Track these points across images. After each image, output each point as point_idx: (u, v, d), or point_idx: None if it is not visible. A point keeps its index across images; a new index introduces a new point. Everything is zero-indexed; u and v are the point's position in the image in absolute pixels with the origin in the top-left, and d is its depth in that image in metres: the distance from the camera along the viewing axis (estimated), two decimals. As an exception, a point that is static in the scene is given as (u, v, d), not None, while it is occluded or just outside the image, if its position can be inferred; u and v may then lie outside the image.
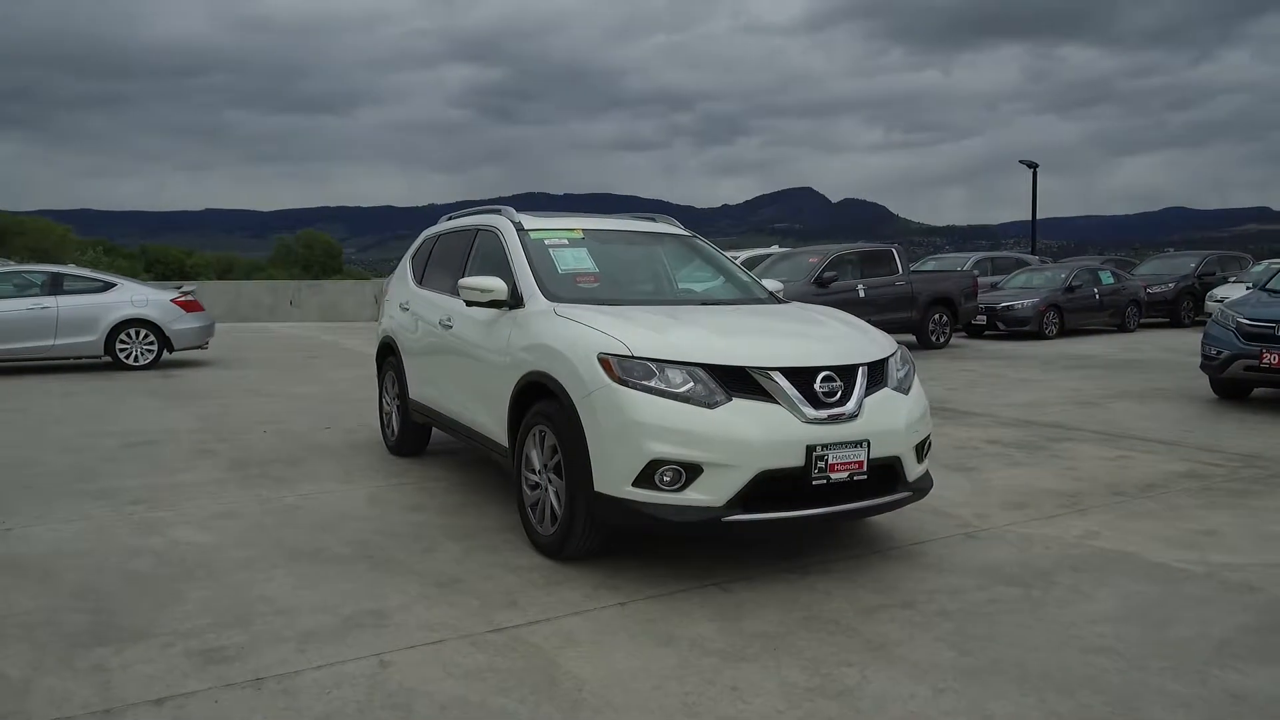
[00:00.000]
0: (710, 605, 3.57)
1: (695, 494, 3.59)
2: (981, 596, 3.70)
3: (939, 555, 4.25)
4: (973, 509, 5.06)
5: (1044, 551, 4.30)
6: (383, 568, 3.98)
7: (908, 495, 4.08)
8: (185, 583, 3.77)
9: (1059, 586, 3.82)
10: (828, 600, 3.64)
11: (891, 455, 3.93)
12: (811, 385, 3.76)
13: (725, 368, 3.71)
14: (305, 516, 4.81)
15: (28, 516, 4.76)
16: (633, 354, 3.73)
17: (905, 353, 4.41)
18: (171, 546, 4.26)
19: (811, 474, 3.67)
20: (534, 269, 4.69)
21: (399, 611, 3.47)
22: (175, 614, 3.42)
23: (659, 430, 3.59)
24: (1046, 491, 5.45)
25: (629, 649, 3.15)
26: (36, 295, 11.38)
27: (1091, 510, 5.05)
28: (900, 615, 3.49)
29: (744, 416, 3.63)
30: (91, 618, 3.39)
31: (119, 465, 6.07)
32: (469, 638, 3.23)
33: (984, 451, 6.68)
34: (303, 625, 3.32)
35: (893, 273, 14.87)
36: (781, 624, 3.39)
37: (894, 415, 3.96)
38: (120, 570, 3.92)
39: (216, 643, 3.16)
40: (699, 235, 5.68)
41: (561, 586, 3.76)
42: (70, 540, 4.34)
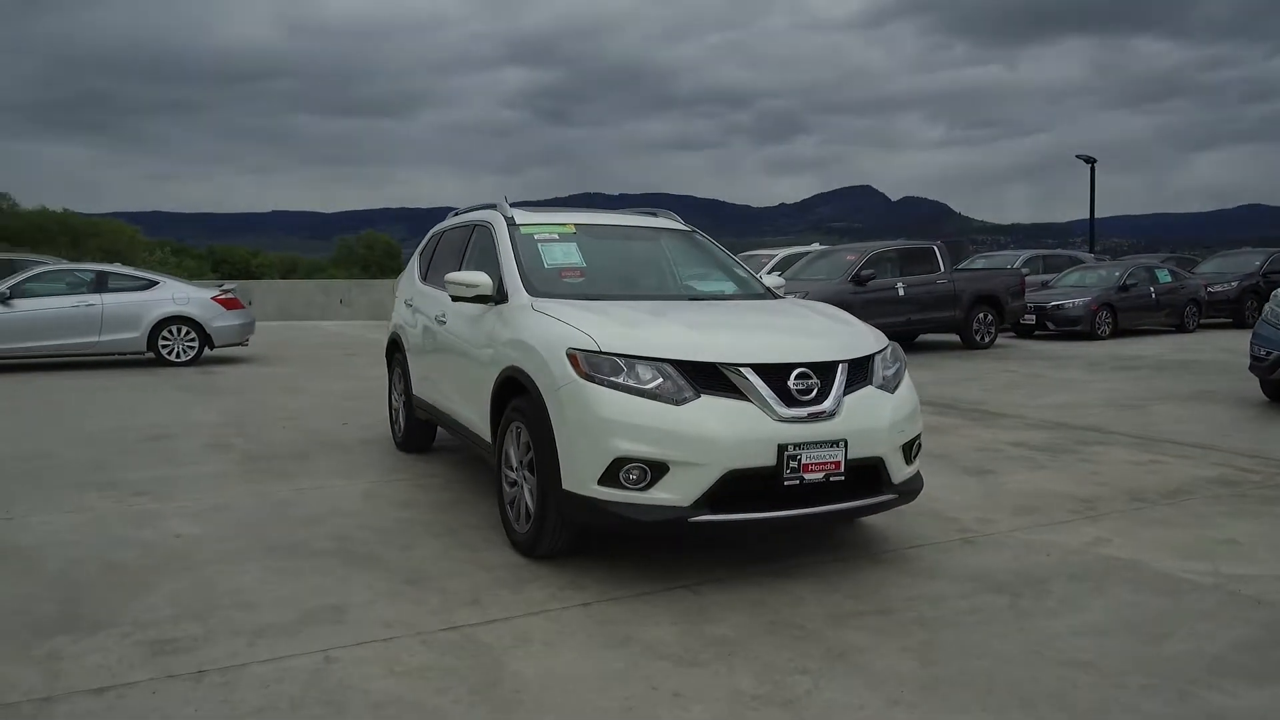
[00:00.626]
0: (675, 608, 3.47)
1: (661, 493, 3.50)
2: (964, 605, 3.54)
3: (931, 561, 4.08)
4: (978, 513, 4.87)
5: (1044, 559, 4.10)
6: (357, 563, 3.97)
7: (893, 498, 3.93)
8: (161, 574, 3.80)
9: (1051, 596, 3.64)
10: (799, 605, 3.52)
11: (873, 456, 3.78)
12: (785, 383, 3.64)
13: (695, 364, 3.62)
14: (297, 511, 4.83)
15: (30, 506, 4.87)
16: (600, 349, 3.66)
17: (896, 350, 4.25)
18: (159, 538, 4.31)
19: (783, 474, 3.55)
20: (519, 264, 4.65)
21: (360, 607, 3.45)
22: (142, 605, 3.45)
23: (624, 427, 3.51)
24: (1062, 496, 5.22)
25: (580, 650, 3.08)
26: (83, 293, 11.74)
27: (1106, 517, 4.82)
28: (872, 622, 3.35)
29: (712, 414, 3.53)
30: (61, 607, 3.43)
31: (133, 458, 6.19)
32: (421, 635, 3.19)
33: (1006, 454, 6.44)
34: (261, 619, 3.32)
35: (934, 270, 14.52)
36: (744, 628, 3.28)
37: (876, 414, 3.81)
38: (102, 561, 3.97)
39: (172, 634, 3.17)
40: (698, 231, 5.58)
41: (529, 585, 3.70)
42: (63, 530, 4.43)
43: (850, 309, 13.29)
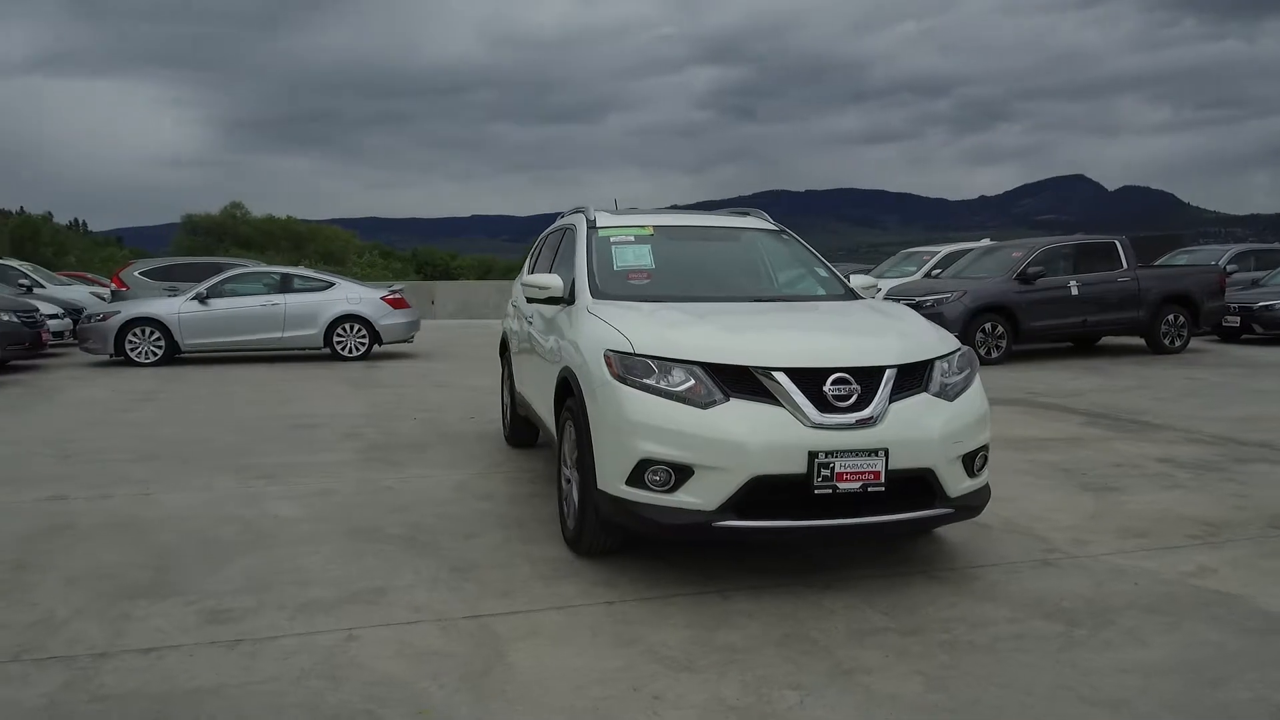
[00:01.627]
0: (697, 611, 3.45)
1: (686, 496, 3.48)
2: (1007, 630, 3.29)
3: (994, 581, 3.82)
4: (1075, 533, 4.48)
5: (1127, 587, 3.74)
6: (417, 550, 4.20)
7: (946, 513, 3.71)
8: (246, 551, 4.19)
9: (1114, 628, 3.31)
10: (826, 618, 3.39)
11: (921, 467, 3.58)
12: (821, 387, 3.52)
13: (727, 367, 3.57)
14: (390, 498, 5.16)
15: (168, 485, 5.48)
16: (634, 351, 3.69)
17: (967, 356, 4.00)
18: (260, 518, 4.74)
19: (814, 482, 3.44)
20: (590, 266, 4.75)
21: (400, 591, 3.66)
22: (217, 577, 3.82)
23: (650, 429, 3.52)
24: (1187, 519, 4.72)
25: (584, 648, 3.12)
26: (269, 293, 12.98)
27: (1228, 544, 4.31)
28: (895, 642, 3.19)
29: (740, 418, 3.47)
30: (152, 574, 3.86)
31: (274, 445, 6.81)
32: (442, 622, 3.34)
33: (1143, 471, 5.88)
34: (309, 596, 3.59)
35: (1115, 268, 13.36)
36: (757, 638, 3.21)
37: (926, 423, 3.61)
38: (203, 536, 4.42)
39: (229, 605, 3.50)
40: (786, 230, 5.45)
41: (565, 580, 3.78)
42: (185, 507, 4.96)
43: (1015, 309, 12.64)
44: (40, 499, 5.12)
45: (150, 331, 12.39)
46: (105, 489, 5.34)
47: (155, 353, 12.42)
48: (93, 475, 5.72)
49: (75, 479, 5.61)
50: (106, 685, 2.84)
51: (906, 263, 16.53)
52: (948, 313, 12.56)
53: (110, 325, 12.32)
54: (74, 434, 7.26)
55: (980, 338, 12.54)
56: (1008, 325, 12.63)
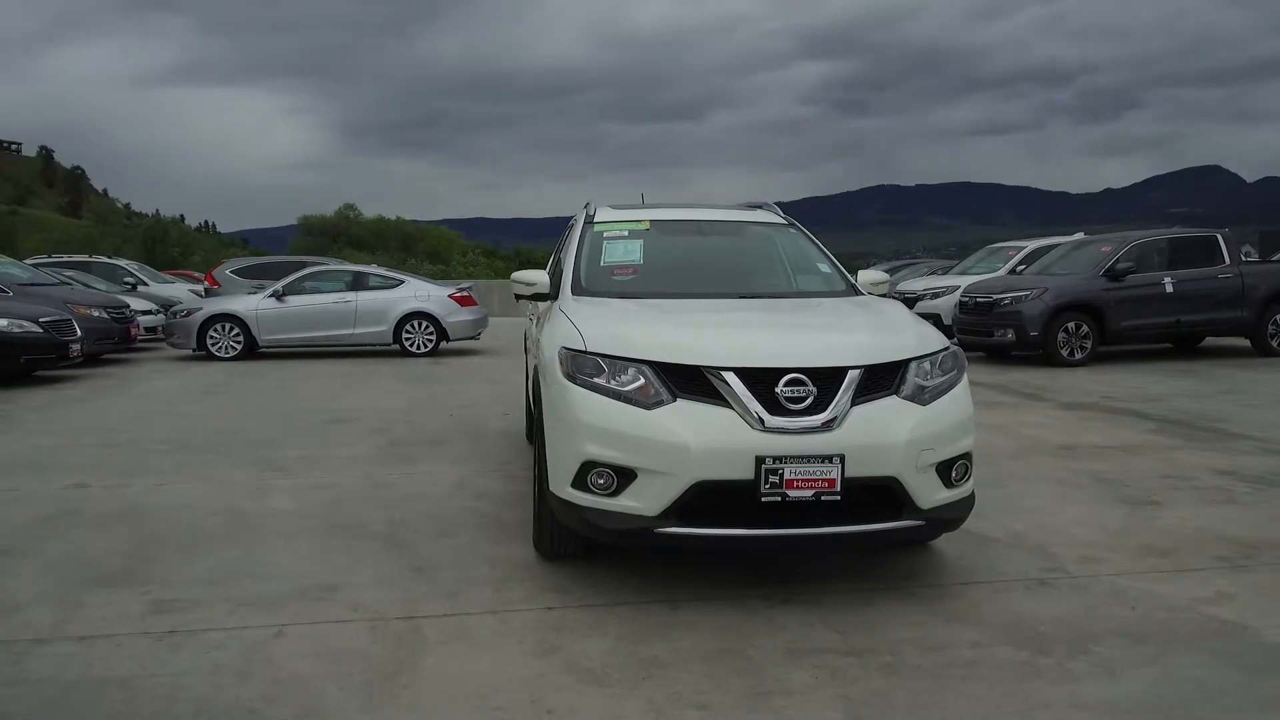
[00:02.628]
0: (638, 621, 3.30)
1: (628, 500, 3.34)
2: (965, 656, 3.03)
3: (975, 600, 3.53)
4: (1088, 550, 4.12)
5: (1121, 612, 3.40)
6: (388, 547, 4.18)
7: (917, 526, 3.44)
8: (225, 542, 4.26)
9: (1085, 658, 3.01)
10: (772, 633, 3.20)
11: (884, 476, 3.34)
12: (774, 389, 3.32)
13: (679, 366, 3.40)
14: (386, 494, 5.18)
15: (184, 475, 5.66)
16: (585, 349, 3.56)
17: (952, 358, 3.71)
18: (254, 510, 4.83)
19: (761, 489, 3.24)
20: (578, 262, 4.65)
21: (350, 589, 3.64)
22: (185, 568, 3.89)
23: (594, 430, 3.39)
24: (1222, 539, 4.28)
25: (503, 655, 3.03)
26: (342, 291, 13.37)
27: (1261, 569, 3.89)
28: (834, 662, 2.97)
29: (684, 420, 3.30)
30: (126, 562, 3.96)
31: (302, 438, 6.97)
32: (375, 622, 3.30)
33: (1196, 483, 5.39)
34: (261, 590, 3.61)
35: (1216, 263, 12.41)
36: (688, 652, 3.04)
37: (890, 428, 3.36)
38: (193, 527, 4.53)
39: (181, 596, 3.55)
40: (795, 224, 5.21)
41: (517, 584, 3.70)
42: (188, 498, 5.10)
43: (1102, 308, 11.90)
44: (64, 486, 5.35)
45: (230, 327, 12.94)
46: (127, 478, 5.55)
47: (235, 348, 12.97)
48: (122, 464, 5.96)
49: (104, 468, 5.85)
50: (29, 670, 2.91)
51: (992, 258, 15.79)
52: (1026, 311, 11.93)
53: (193, 321, 12.93)
54: (125, 425, 7.61)
55: (1063, 338, 11.85)
56: (1093, 325, 11.89)
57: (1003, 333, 12.19)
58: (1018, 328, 11.93)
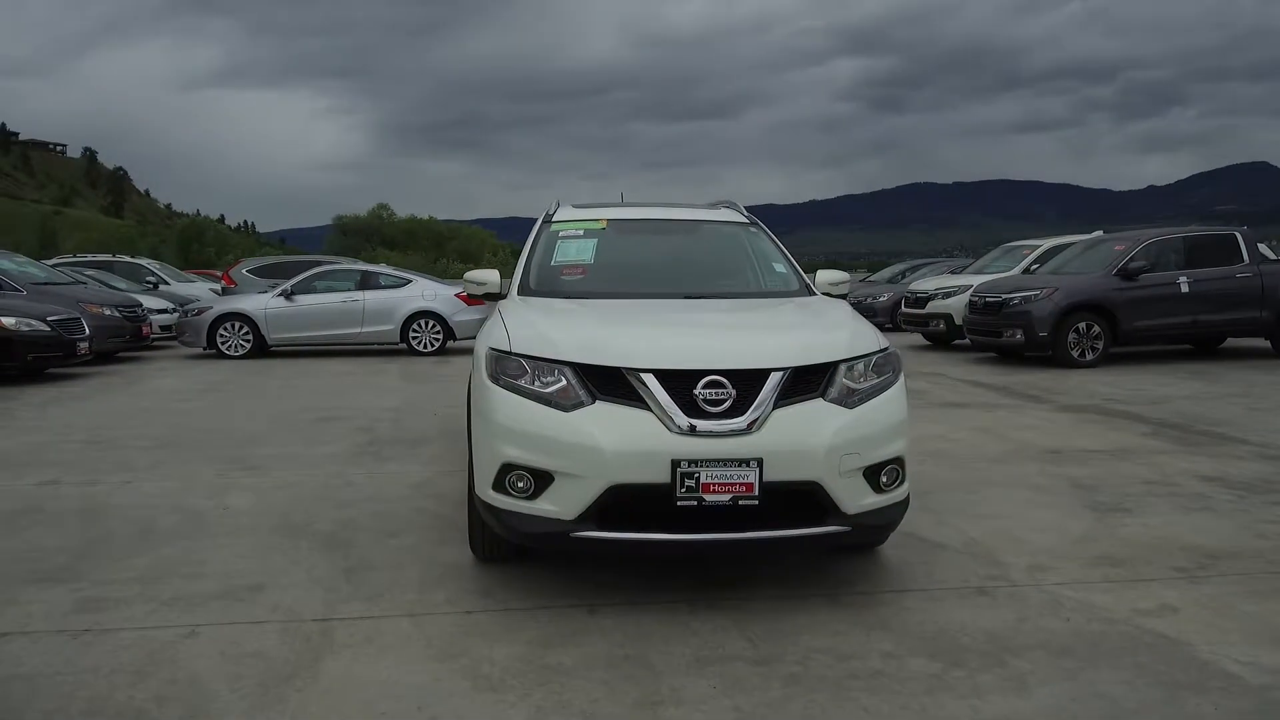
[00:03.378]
0: (553, 625, 3.27)
1: (546, 504, 3.30)
2: (874, 666, 2.95)
3: (905, 609, 3.45)
4: (1040, 558, 4.02)
5: (1053, 624, 3.30)
6: (327, 548, 4.18)
7: (841, 531, 3.36)
8: (171, 540, 4.29)
9: (1000, 671, 2.92)
10: (684, 640, 3.14)
11: (805, 480, 3.27)
12: (692, 391, 3.26)
13: (599, 368, 3.36)
14: (345, 494, 5.19)
15: (156, 473, 5.72)
16: (510, 350, 3.53)
17: (888, 360, 3.63)
18: (209, 509, 4.86)
19: (677, 493, 3.19)
20: (529, 262, 4.63)
21: (275, 589, 3.64)
22: (124, 566, 3.92)
23: (512, 433, 3.36)
24: (1184, 548, 4.15)
25: (405, 660, 3.00)
26: (350, 290, 13.48)
27: (1216, 579, 3.76)
28: (737, 671, 2.91)
29: (601, 422, 3.26)
30: (68, 560, 4.00)
31: (286, 436, 7.02)
32: (289, 624, 3.29)
33: (1177, 490, 5.23)
34: (188, 589, 3.63)
35: (1233, 262, 12.08)
36: (593, 658, 3.00)
37: (812, 432, 3.29)
38: (145, 524, 4.57)
39: (110, 594, 3.57)
40: (757, 223, 5.13)
41: (444, 586, 3.68)
42: (152, 495, 5.15)
43: (1113, 308, 11.63)
44: (36, 483, 5.44)
45: (240, 326, 13.11)
46: (99, 476, 5.63)
47: (244, 346, 13.14)
48: (98, 462, 6.04)
49: (81, 465, 5.94)
50: (-62, 668, 2.94)
51: (1007, 257, 15.52)
52: (1035, 311, 11.70)
53: (203, 320, 13.12)
54: (116, 422, 7.73)
55: (1073, 339, 11.61)
56: (1105, 326, 11.63)
57: (1011, 333, 11.98)
58: (1026, 328, 11.71)
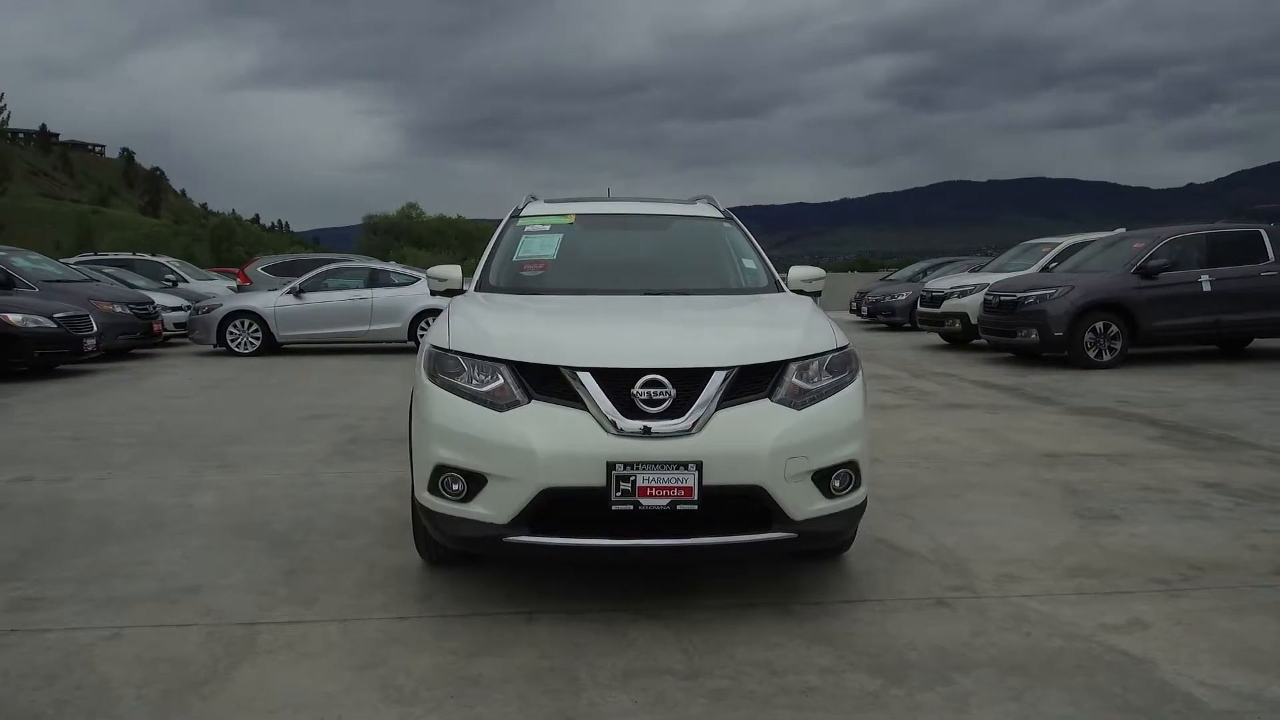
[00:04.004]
0: (482, 634, 3.15)
1: (479, 507, 3.19)
2: (808, 682, 2.80)
3: (852, 621, 3.29)
4: (1010, 568, 3.83)
5: (1011, 639, 3.12)
6: (275, 549, 4.10)
7: (788, 538, 3.21)
8: (124, 539, 4.24)
9: (943, 689, 2.75)
10: (617, 651, 3.01)
11: (747, 484, 3.12)
12: (630, 391, 3.13)
13: (537, 366, 3.23)
14: (310, 493, 5.12)
15: (129, 470, 5.69)
16: (449, 347, 3.42)
17: (842, 360, 3.46)
18: (172, 507, 4.80)
19: (612, 496, 3.05)
20: (490, 257, 4.52)
21: (212, 591, 3.56)
22: (69, 565, 3.86)
23: (446, 433, 3.25)
24: (1168, 560, 3.94)
25: (323, 667, 2.90)
26: (359, 288, 13.49)
27: (1197, 593, 3.56)
28: (663, 685, 2.77)
29: (534, 423, 3.13)
30: (16, 558, 3.95)
31: (270, 434, 6.98)
32: (215, 627, 3.21)
33: (1173, 496, 5.01)
34: (125, 590, 3.56)
35: (1259, 260, 11.70)
36: (517, 670, 2.88)
37: (755, 434, 3.14)
38: (103, 522, 4.52)
39: (46, 594, 3.52)
40: (733, 218, 4.98)
41: (383, 591, 3.58)
42: (119, 492, 5.11)
43: (1132, 307, 11.30)
44: (8, 479, 5.43)
45: (249, 323, 13.16)
46: (73, 473, 5.60)
47: (253, 343, 13.19)
48: (78, 458, 6.03)
49: (58, 461, 5.93)
50: None
51: (1026, 255, 15.18)
52: (1051, 310, 11.41)
53: (213, 318, 13.19)
54: (107, 419, 7.74)
55: (1090, 339, 11.30)
56: (1123, 325, 11.31)
57: (1026, 333, 11.68)
58: (1041, 327, 11.42)
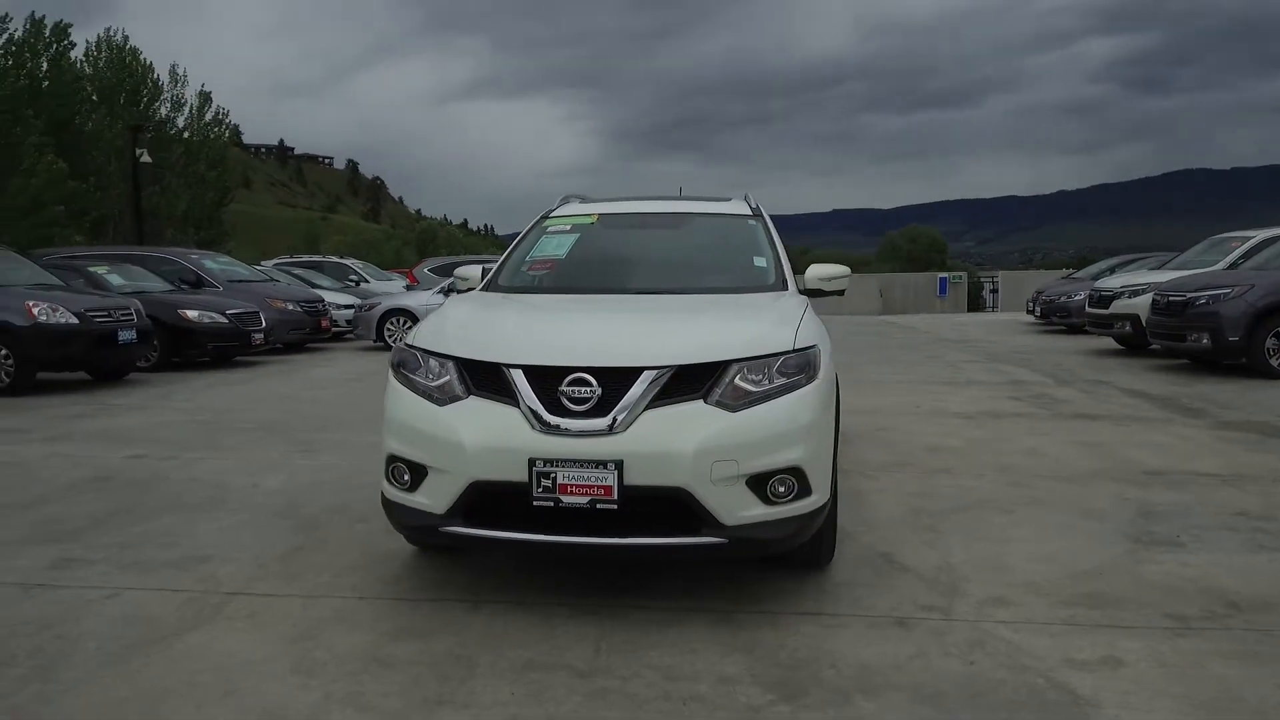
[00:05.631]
0: (421, 619, 3.29)
1: (421, 497, 3.33)
2: (696, 691, 2.74)
3: (790, 633, 3.16)
4: (1007, 591, 3.54)
5: (949, 666, 2.90)
6: (300, 529, 4.40)
7: (717, 544, 3.12)
8: (180, 512, 4.70)
9: (836, 711, 2.62)
10: (531, 644, 3.06)
11: (670, 486, 3.07)
12: (558, 388, 3.16)
13: (477, 362, 3.34)
14: (363, 479, 5.35)
15: (229, 453, 6.28)
16: (411, 343, 3.59)
17: (795, 362, 3.31)
18: (241, 487, 5.26)
19: (534, 492, 3.10)
20: (506, 257, 4.66)
21: (217, 562, 3.91)
22: (122, 532, 4.35)
23: (395, 425, 3.43)
24: (1201, 593, 3.51)
25: (261, 639, 3.12)
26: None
27: (1214, 633, 3.14)
28: (552, 681, 2.79)
29: (467, 418, 3.23)
30: (88, 524, 4.49)
31: (370, 424, 7.46)
32: (202, 595, 3.53)
33: (1272, 526, 4.41)
34: (153, 557, 3.98)
35: None
36: (423, 654, 3.00)
37: (680, 435, 3.08)
38: (173, 497, 5.03)
39: (86, 556, 3.99)
40: (759, 216, 4.83)
41: (362, 571, 3.79)
42: (205, 471, 5.66)
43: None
44: (126, 456, 6.16)
45: (404, 321, 14.09)
46: (180, 452, 6.27)
47: (407, 339, 14.10)
48: (193, 440, 6.74)
49: (174, 442, 6.64)
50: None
51: (1213, 250, 13.60)
52: (1225, 312, 10.18)
53: (373, 315, 14.23)
54: (243, 406, 8.58)
55: (1273, 344, 10.00)
56: (1314, 330, 9.92)
57: (1197, 337, 10.47)
58: (1214, 331, 10.20)
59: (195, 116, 36.61)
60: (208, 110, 36.97)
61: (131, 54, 34.41)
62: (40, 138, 27.45)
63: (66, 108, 30.49)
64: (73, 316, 9.26)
